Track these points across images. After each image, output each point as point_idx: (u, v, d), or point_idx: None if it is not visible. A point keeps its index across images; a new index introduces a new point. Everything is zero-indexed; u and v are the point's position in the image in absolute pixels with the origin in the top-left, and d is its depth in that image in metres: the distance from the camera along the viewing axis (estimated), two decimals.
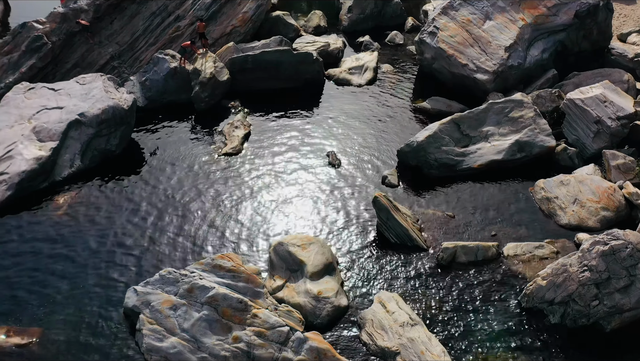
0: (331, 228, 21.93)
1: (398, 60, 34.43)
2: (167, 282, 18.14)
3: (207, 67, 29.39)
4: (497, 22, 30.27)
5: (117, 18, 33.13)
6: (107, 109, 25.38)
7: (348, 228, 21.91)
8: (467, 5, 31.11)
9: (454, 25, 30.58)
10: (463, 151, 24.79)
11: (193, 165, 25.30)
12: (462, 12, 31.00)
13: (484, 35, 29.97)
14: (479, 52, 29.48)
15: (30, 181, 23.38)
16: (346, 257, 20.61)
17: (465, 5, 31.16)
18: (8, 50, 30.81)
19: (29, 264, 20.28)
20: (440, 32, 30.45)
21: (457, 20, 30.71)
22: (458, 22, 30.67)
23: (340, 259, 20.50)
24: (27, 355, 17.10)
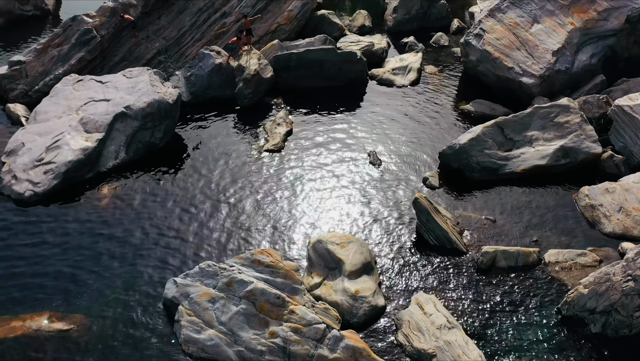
0: (370, 227, 21.90)
1: (442, 62, 34.20)
2: (207, 275, 18.34)
3: (251, 64, 29.61)
4: (545, 25, 29.83)
5: (165, 13, 33.60)
6: (153, 102, 25.75)
7: (387, 228, 21.85)
8: (515, 8, 30.73)
9: (500, 28, 30.24)
10: (506, 155, 24.50)
11: (235, 160, 25.52)
12: (509, 14, 30.63)
13: (531, 38, 29.56)
14: (526, 55, 29.10)
15: (76, 171, 23.86)
16: (385, 257, 20.56)
17: (513, 7, 30.78)
18: (58, 42, 31.48)
19: (72, 253, 20.69)
20: (487, 34, 30.15)
21: (504, 23, 30.36)
22: (505, 25, 30.32)
23: (379, 259, 20.46)
24: (67, 341, 17.44)
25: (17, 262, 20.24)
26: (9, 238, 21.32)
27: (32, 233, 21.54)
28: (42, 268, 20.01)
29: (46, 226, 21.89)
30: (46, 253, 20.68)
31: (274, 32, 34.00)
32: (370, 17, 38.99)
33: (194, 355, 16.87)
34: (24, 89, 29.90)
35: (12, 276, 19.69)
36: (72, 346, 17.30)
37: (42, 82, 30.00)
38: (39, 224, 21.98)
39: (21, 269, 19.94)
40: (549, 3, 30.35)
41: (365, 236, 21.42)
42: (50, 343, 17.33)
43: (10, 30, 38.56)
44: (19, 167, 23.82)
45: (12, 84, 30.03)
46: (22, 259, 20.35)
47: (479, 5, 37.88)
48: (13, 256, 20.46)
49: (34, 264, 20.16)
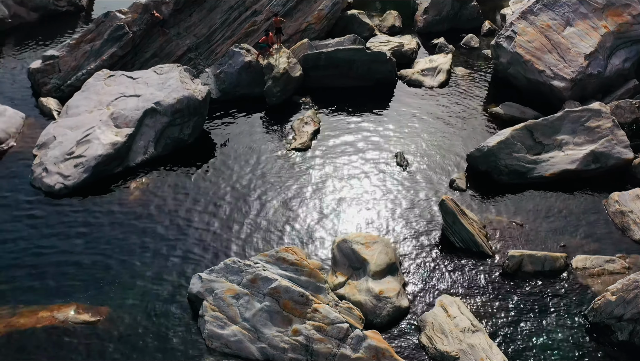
0: (396, 228, 21.83)
1: (472, 63, 33.94)
2: (231, 271, 18.45)
3: (280, 62, 29.69)
4: (578, 28, 29.47)
5: (196, 11, 33.81)
6: (182, 99, 25.94)
7: (413, 229, 21.76)
8: (548, 11, 30.39)
9: (532, 30, 29.92)
10: (535, 158, 24.25)
11: (262, 158, 25.62)
12: (541, 17, 30.29)
13: (564, 41, 29.22)
14: (557, 58, 28.76)
15: (106, 165, 24.15)
16: (409, 258, 20.49)
17: (546, 10, 30.44)
18: (91, 38, 31.87)
19: (100, 246, 20.96)
20: (518, 36, 29.84)
21: (536, 25, 30.03)
22: (537, 27, 30.00)
23: (404, 260, 20.40)
24: (93, 333, 17.68)
25: (46, 253, 20.57)
26: (38, 229, 21.67)
27: (61, 225, 21.87)
28: (71, 260, 20.31)
29: (75, 218, 22.19)
30: (74, 245, 20.97)
31: (304, 31, 34.03)
32: (400, 17, 38.81)
33: (217, 350, 16.99)
34: (56, 83, 30.33)
35: (41, 267, 20.02)
36: (97, 338, 17.54)
37: (74, 77, 30.40)
38: (68, 216, 22.29)
39: (50, 261, 20.27)
40: (582, 6, 29.96)
41: (390, 236, 21.36)
42: (76, 335, 17.59)
43: (44, 26, 39.09)
44: (50, 160, 24.18)
45: (45, 78, 30.48)
46: (51, 251, 20.68)
47: (510, 7, 37.53)
48: (42, 248, 20.79)
49: (62, 256, 20.47)
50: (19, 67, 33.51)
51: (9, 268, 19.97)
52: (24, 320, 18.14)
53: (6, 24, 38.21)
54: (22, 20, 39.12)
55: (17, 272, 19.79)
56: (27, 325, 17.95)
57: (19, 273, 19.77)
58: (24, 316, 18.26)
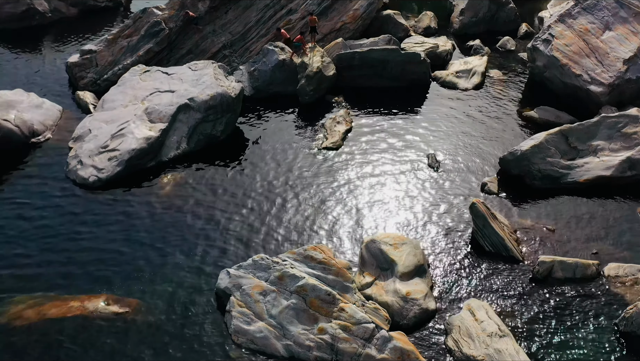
0: (425, 230, 21.72)
1: (508, 66, 33.59)
2: (259, 268, 18.53)
3: (314, 61, 29.75)
4: (618, 33, 28.99)
5: (232, 8, 34.08)
6: (216, 95, 26.13)
7: (442, 231, 21.62)
8: (587, 14, 29.95)
9: (570, 34, 29.51)
10: (569, 163, 23.91)
11: (293, 156, 25.70)
12: (580, 20, 29.88)
13: (602, 46, 28.76)
14: (595, 63, 28.32)
15: (139, 159, 24.45)
16: (438, 261, 20.36)
17: (585, 13, 30.01)
18: (128, 33, 32.32)
19: (131, 239, 21.24)
20: (555, 40, 29.46)
21: (574, 29, 29.62)
22: (575, 31, 29.58)
23: (432, 262, 20.27)
24: (121, 324, 17.91)
25: (78, 245, 20.91)
26: (71, 221, 22.03)
27: (93, 217, 22.21)
28: (102, 252, 20.60)
29: (107, 211, 22.52)
30: (106, 237, 21.28)
31: (339, 30, 34.06)
32: (436, 18, 38.63)
33: (242, 346, 17.08)
34: (93, 77, 30.82)
35: (73, 258, 20.36)
36: (125, 329, 17.75)
37: (110, 71, 30.87)
38: (101, 209, 22.64)
39: (81, 252, 20.60)
40: (622, 10, 29.49)
41: (419, 238, 21.25)
42: (104, 325, 17.83)
43: (83, 21, 39.80)
44: (85, 153, 24.58)
45: (83, 72, 30.99)
46: (83, 242, 21.01)
47: (548, 10, 37.05)
48: (74, 239, 21.15)
49: (93, 248, 20.79)
50: (57, 61, 34.18)
51: (41, 257, 20.36)
52: (55, 309, 18.46)
53: (46, 19, 39.03)
54: (61, 15, 39.90)
55: (50, 261, 20.17)
56: (58, 313, 18.25)
57: (51, 262, 20.14)
58: (55, 305, 18.57)
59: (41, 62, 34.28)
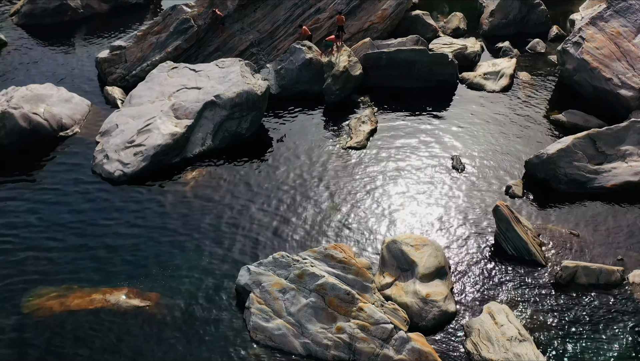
0: (447, 231, 21.57)
1: (537, 69, 33.18)
2: (280, 265, 18.57)
3: (341, 60, 29.73)
4: None
5: (261, 7, 34.21)
6: (242, 93, 26.24)
7: (464, 234, 21.46)
8: (619, 17, 29.50)
9: (601, 37, 29.08)
10: (596, 168, 23.56)
11: (317, 155, 25.70)
12: (612, 23, 29.43)
13: (634, 49, 28.30)
14: (626, 67, 27.87)
15: (164, 154, 24.67)
16: (459, 263, 20.20)
17: (617, 17, 29.56)
18: (158, 30, 32.65)
19: (154, 233, 21.45)
20: (586, 42, 29.04)
21: (605, 32, 29.18)
22: (606, 34, 29.14)
23: (453, 264, 20.12)
24: (142, 317, 18.09)
25: (101, 238, 21.20)
26: (95, 215, 22.35)
27: (117, 211, 22.49)
28: (125, 245, 20.87)
29: (131, 206, 22.78)
30: (129, 231, 21.52)
31: (367, 30, 33.99)
32: (465, 19, 38.32)
33: (261, 343, 17.14)
34: (122, 73, 31.18)
35: (96, 250, 20.65)
36: (145, 322, 17.95)
37: (139, 67, 31.20)
38: (125, 203, 22.91)
39: (105, 245, 20.88)
40: None
41: (441, 239, 21.10)
42: (125, 318, 18.05)
43: (114, 17, 40.30)
44: (111, 147, 24.87)
45: (112, 68, 31.37)
46: (106, 236, 21.29)
47: (580, 13, 36.57)
48: (98, 233, 21.44)
49: (116, 241, 21.06)
50: (88, 56, 34.64)
51: (65, 250, 20.68)
52: (78, 301, 18.74)
53: (78, 15, 39.60)
54: (93, 11, 40.45)
55: (73, 254, 20.47)
56: (80, 305, 18.54)
57: (75, 255, 20.45)
58: (77, 297, 18.86)
59: (72, 57, 34.78)
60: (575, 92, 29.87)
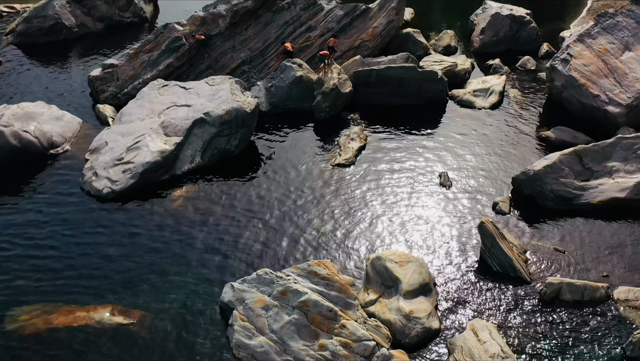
0: (432, 248, 21.61)
1: (527, 86, 33.35)
2: (263, 282, 18.59)
3: (330, 78, 29.89)
4: (637, 53, 28.69)
5: (252, 25, 34.45)
6: (231, 110, 26.36)
7: (450, 250, 21.49)
8: (606, 34, 29.71)
9: (589, 54, 29.28)
10: (583, 185, 23.63)
11: (305, 172, 25.80)
12: (599, 40, 29.63)
13: (621, 66, 28.48)
14: (614, 83, 28.03)
15: (153, 172, 24.75)
16: (444, 279, 20.22)
17: (604, 34, 29.77)
18: (150, 48, 32.87)
19: (140, 250, 21.50)
20: (574, 59, 29.23)
21: (593, 49, 29.38)
22: (594, 51, 29.34)
23: (438, 281, 20.14)
24: (125, 335, 18.09)
25: (87, 255, 21.25)
26: (83, 231, 22.40)
27: (105, 228, 22.55)
28: (111, 262, 20.91)
29: (118, 223, 22.85)
30: (116, 248, 21.58)
31: (358, 47, 34.21)
32: (456, 37, 38.55)
33: (243, 360, 17.09)
34: (114, 91, 31.36)
35: (82, 267, 20.70)
36: (129, 340, 17.97)
37: (131, 85, 31.37)
38: (112, 220, 22.97)
39: (91, 262, 20.93)
40: None
41: (426, 256, 21.14)
42: (109, 336, 18.07)
43: (108, 35, 40.52)
44: (100, 165, 24.96)
45: (104, 86, 31.55)
46: (92, 253, 21.35)
47: (571, 30, 36.82)
48: (84, 250, 21.50)
49: (103, 258, 21.10)
50: (81, 74, 34.79)
51: (51, 266, 20.73)
52: (62, 318, 18.75)
53: (73, 33, 39.81)
54: (88, 30, 40.67)
55: (59, 271, 20.51)
56: (64, 323, 18.54)
57: (61, 272, 20.49)
58: (62, 314, 18.86)
59: (65, 75, 34.97)
60: (563, 109, 30.01)
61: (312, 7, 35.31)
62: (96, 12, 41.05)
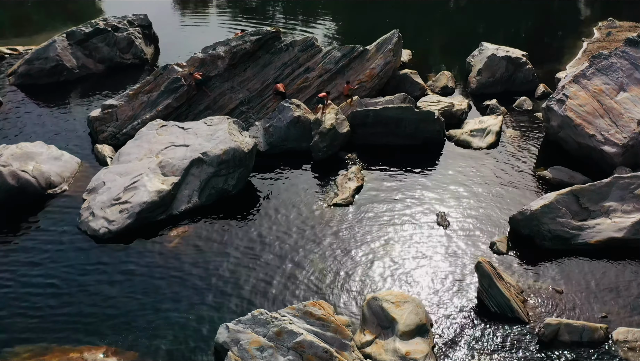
0: (429, 288, 21.48)
1: (524, 126, 33.55)
2: (258, 323, 18.43)
3: (328, 118, 30.11)
4: (632, 94, 28.93)
5: (251, 66, 34.86)
6: (229, 150, 26.49)
7: (447, 290, 21.36)
8: (601, 75, 30.02)
9: (584, 95, 29.53)
10: (580, 224, 23.59)
11: (303, 212, 25.80)
12: (594, 81, 29.93)
13: (616, 106, 28.69)
14: (609, 124, 28.20)
15: (150, 211, 24.75)
16: (441, 320, 20.04)
17: (599, 74, 30.09)
18: (149, 89, 33.19)
19: (136, 291, 21.38)
20: (569, 100, 29.49)
21: (588, 90, 29.65)
22: (589, 92, 29.60)
23: (435, 321, 19.96)
24: None
25: (82, 296, 21.13)
26: (78, 271, 22.32)
27: (100, 268, 22.46)
28: (106, 302, 20.79)
29: (114, 263, 22.77)
30: (110, 289, 21.46)
31: (355, 88, 34.48)
32: (453, 78, 38.92)
33: None
34: (113, 131, 31.55)
35: (77, 307, 20.57)
36: None
37: (130, 125, 31.58)
38: (108, 260, 22.90)
39: (86, 302, 20.80)
40: (637, 71, 29.49)
41: (423, 296, 21.00)
42: None
43: (109, 77, 40.92)
44: (97, 204, 24.98)
45: (103, 126, 31.75)
46: (87, 294, 21.23)
47: (567, 71, 37.18)
48: (79, 290, 21.39)
49: (98, 299, 20.98)
50: (81, 115, 35.01)
51: (45, 306, 20.59)
52: (55, 360, 18.54)
53: (74, 75, 40.22)
54: (89, 71, 41.11)
55: (53, 311, 20.37)
56: None
57: (55, 312, 20.34)
58: (55, 356, 18.69)
59: (65, 116, 35.21)
60: (560, 149, 30.16)
61: (310, 48, 35.78)
62: (97, 53, 41.58)
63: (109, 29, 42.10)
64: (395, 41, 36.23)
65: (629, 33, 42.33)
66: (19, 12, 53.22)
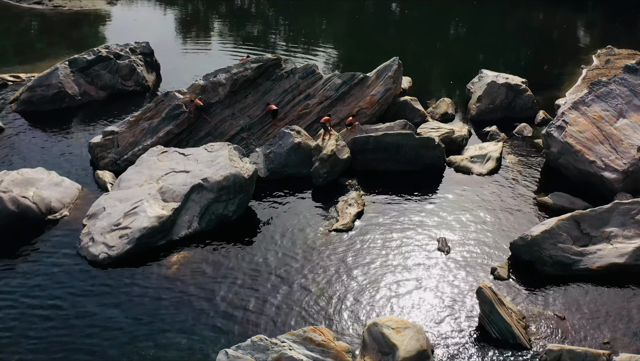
0: (430, 314, 21.35)
1: (524, 152, 33.63)
2: (258, 349, 18.28)
3: (328, 144, 30.20)
4: (632, 120, 29.06)
5: (252, 93, 35.06)
6: (229, 176, 26.52)
7: (448, 316, 21.22)
8: (600, 102, 30.17)
9: (584, 121, 29.65)
10: (581, 250, 23.53)
11: (303, 237, 25.76)
12: (594, 107, 30.07)
13: (616, 133, 28.80)
14: (609, 150, 28.27)
15: (150, 237, 24.70)
16: (442, 346, 19.89)
17: (598, 101, 30.24)
18: (150, 115, 33.33)
19: (135, 316, 21.24)
20: (569, 126, 29.59)
21: (587, 116, 29.78)
22: (589, 118, 29.73)
23: (436, 347, 19.81)
24: None
25: (80, 322, 20.97)
26: (77, 297, 22.17)
27: (99, 294, 22.34)
28: (104, 329, 20.62)
29: (113, 289, 22.65)
30: (109, 314, 21.31)
31: (355, 115, 34.65)
32: (453, 105, 39.10)
33: None
34: (113, 157, 31.61)
35: (75, 335, 20.39)
36: None
37: (130, 152, 31.65)
38: (108, 286, 22.79)
39: (85, 328, 20.64)
40: (636, 98, 29.68)
41: (424, 322, 20.86)
42: None
43: (111, 103, 41.07)
44: (97, 230, 24.95)
45: (104, 153, 31.82)
46: (87, 319, 21.09)
47: (566, 97, 37.34)
48: (79, 315, 21.24)
49: (97, 324, 20.82)
50: (82, 141, 35.07)
51: (43, 333, 20.42)
52: None
53: (76, 101, 40.33)
54: (91, 98, 41.23)
55: (51, 338, 20.19)
56: None
57: (53, 339, 20.16)
58: None
59: (66, 142, 35.28)
60: (560, 175, 30.18)
61: (310, 75, 36.01)
62: (99, 81, 41.78)
63: (111, 57, 42.35)
64: (396, 68, 36.49)
65: (627, 60, 42.58)
66: (22, 40, 53.64)
